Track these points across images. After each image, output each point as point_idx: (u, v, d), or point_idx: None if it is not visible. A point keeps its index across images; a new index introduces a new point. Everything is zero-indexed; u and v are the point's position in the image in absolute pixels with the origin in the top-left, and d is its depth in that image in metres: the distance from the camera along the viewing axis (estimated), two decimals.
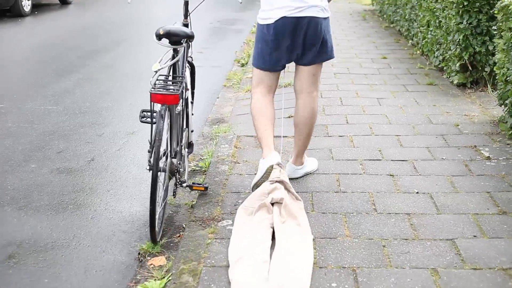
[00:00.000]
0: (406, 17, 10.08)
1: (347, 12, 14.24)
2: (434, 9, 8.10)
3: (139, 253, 3.67)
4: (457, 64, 7.15)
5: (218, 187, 4.42)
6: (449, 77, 7.51)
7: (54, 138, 5.81)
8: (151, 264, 3.57)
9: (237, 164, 4.89)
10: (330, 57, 4.26)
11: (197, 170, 4.96)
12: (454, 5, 7.09)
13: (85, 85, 7.81)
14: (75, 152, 5.43)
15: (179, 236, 3.88)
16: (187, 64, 4.30)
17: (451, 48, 7.29)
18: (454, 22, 7.11)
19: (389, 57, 9.07)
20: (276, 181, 3.90)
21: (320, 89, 7.06)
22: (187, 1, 4.42)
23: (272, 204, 3.80)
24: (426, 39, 8.63)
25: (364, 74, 7.97)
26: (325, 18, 4.08)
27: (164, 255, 3.65)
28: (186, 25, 4.35)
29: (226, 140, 5.49)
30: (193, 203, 4.28)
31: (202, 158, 5.19)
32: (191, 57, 4.49)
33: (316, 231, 3.69)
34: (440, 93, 6.98)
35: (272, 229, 3.62)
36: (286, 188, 3.92)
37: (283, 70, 4.31)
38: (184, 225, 3.98)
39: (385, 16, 12.54)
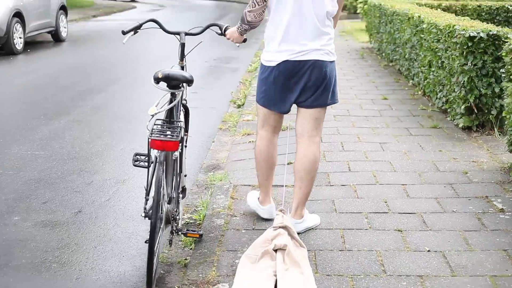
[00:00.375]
0: (406, 57, 9.85)
1: (344, 50, 14.02)
2: (436, 49, 7.86)
3: None
4: (462, 107, 6.89)
5: (213, 244, 4.10)
6: (454, 119, 7.25)
7: (40, 186, 5.49)
8: None
9: (234, 217, 4.58)
10: (334, 101, 4.20)
11: (191, 223, 4.64)
12: (458, 45, 6.86)
13: (75, 128, 7.52)
14: (61, 203, 5.11)
15: None
16: (181, 107, 4.18)
17: (455, 90, 7.03)
18: (458, 63, 6.87)
19: (389, 97, 8.82)
20: (280, 227, 3.77)
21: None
22: (184, 43, 4.32)
23: (275, 250, 3.63)
24: (428, 80, 8.38)
25: (365, 116, 7.70)
26: (331, 62, 4.02)
27: None
28: (182, 68, 4.28)
29: (221, 190, 5.18)
30: (186, 261, 3.97)
31: (196, 209, 4.88)
32: (185, 100, 4.32)
33: None
34: (445, 137, 6.70)
35: (275, 277, 3.46)
36: (289, 234, 3.75)
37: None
38: None
39: (383, 54, 12.33)
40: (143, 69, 12.25)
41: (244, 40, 4.31)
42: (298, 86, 4.03)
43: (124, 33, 4.32)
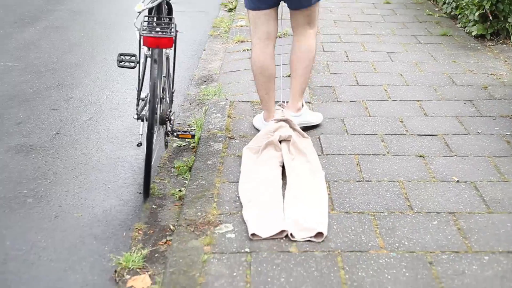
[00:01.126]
0: None
1: None
2: None
3: (115, 271, 2.86)
4: (476, 14, 6.30)
5: (212, 174, 3.58)
6: (465, 27, 6.67)
7: (14, 104, 4.90)
8: (132, 286, 2.76)
9: (233, 140, 4.05)
10: (315, 1, 3.94)
11: (183, 146, 4.12)
12: None
13: (53, 35, 6.86)
14: (37, 123, 4.54)
15: (166, 243, 3.06)
16: (165, 6, 3.86)
17: None
18: None
19: (392, 1, 8.16)
20: (281, 120, 3.86)
21: (322, 40, 6.25)
22: None
23: (280, 142, 3.72)
24: None
25: (367, 22, 7.09)
26: None
27: (147, 271, 2.85)
28: None
29: (217, 108, 4.62)
30: (181, 194, 3.47)
31: (190, 129, 4.34)
32: None
33: (340, 240, 2.89)
34: (457, 46, 6.14)
35: (281, 168, 3.54)
36: (291, 126, 3.85)
37: (280, 13, 4.02)
38: (171, 227, 3.17)
39: None
40: None
41: None
42: None
43: None
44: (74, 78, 5.53)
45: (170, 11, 3.94)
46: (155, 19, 3.56)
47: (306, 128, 4.11)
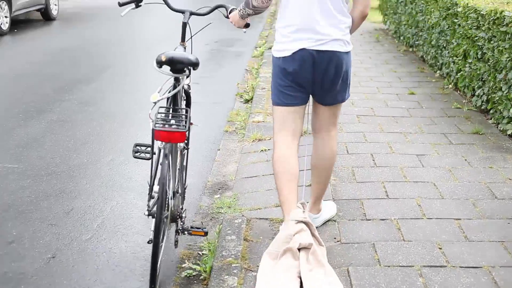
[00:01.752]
0: (433, 43, 8.77)
1: (357, 32, 12.90)
2: (475, 38, 6.82)
3: None
4: (511, 110, 5.86)
5: None
6: (498, 123, 6.22)
7: (9, 216, 4.45)
8: None
9: (250, 273, 3.55)
10: (348, 96, 3.89)
11: (193, 277, 3.63)
12: (509, 36, 5.81)
13: (58, 130, 6.47)
14: (31, 243, 4.07)
15: None
16: (183, 94, 3.88)
17: (502, 89, 6.01)
18: (508, 58, 5.83)
19: (417, 92, 7.77)
20: (301, 221, 3.59)
21: (345, 139, 5.82)
22: (185, 23, 4.05)
23: (299, 249, 3.48)
24: (462, 73, 7.33)
25: (393, 117, 6.66)
26: (347, 53, 3.65)
27: None
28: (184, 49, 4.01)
29: (232, 227, 4.13)
30: None
31: (200, 254, 3.87)
32: (188, 85, 3.93)
33: None
34: (492, 147, 5.68)
35: (299, 279, 3.34)
36: (311, 232, 3.62)
37: (306, 112, 3.88)
38: None
39: (402, 38, 11.24)
40: (140, 52, 11.19)
41: (247, 25, 4.01)
42: (314, 80, 3.66)
43: (120, 4, 4.08)
44: (76, 184, 5.08)
45: (188, 100, 3.90)
46: (170, 111, 3.46)
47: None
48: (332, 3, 3.55)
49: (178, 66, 3.54)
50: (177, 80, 3.60)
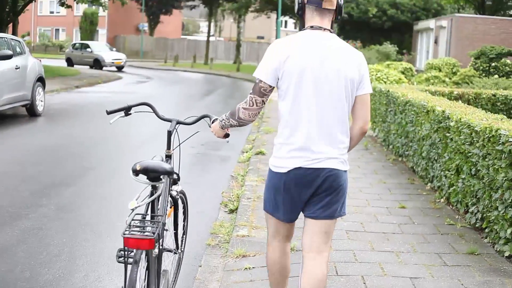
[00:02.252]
0: (423, 155, 8.59)
1: None
2: (468, 153, 6.62)
3: None
4: (508, 231, 5.60)
5: None
6: (494, 243, 5.94)
7: None
8: None
9: None
10: (344, 213, 3.85)
11: None
12: (505, 155, 5.61)
13: (31, 240, 6.11)
14: None
15: None
16: (169, 199, 4.04)
17: (498, 208, 5.76)
18: (504, 177, 5.62)
19: (407, 205, 7.51)
20: None
21: (334, 258, 5.50)
22: (170, 131, 4.27)
23: None
24: (455, 188, 7.11)
25: (383, 234, 6.37)
26: (345, 171, 3.71)
27: None
28: (169, 156, 4.28)
29: None
30: None
31: None
32: (180, 191, 4.42)
33: None
34: (489, 270, 5.38)
35: None
36: None
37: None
38: None
39: (391, 147, 11.08)
40: (124, 153, 10.97)
41: (227, 135, 4.10)
42: (309, 195, 3.66)
43: (108, 112, 4.46)
44: None
45: (176, 206, 4.20)
46: (147, 218, 3.54)
47: None
48: (334, 122, 3.60)
49: (153, 175, 3.73)
50: (154, 188, 3.78)
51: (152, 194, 3.77)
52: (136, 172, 3.69)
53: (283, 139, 3.67)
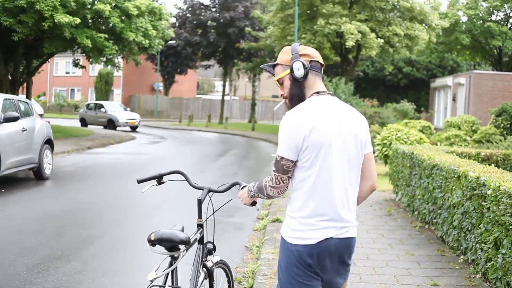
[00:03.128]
0: (454, 224, 7.87)
1: (366, 202, 12.07)
2: (510, 226, 5.92)
3: None
4: None
5: None
6: None
7: None
8: None
9: None
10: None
11: None
12: None
13: None
14: None
15: None
16: (203, 269, 4.08)
17: None
18: None
19: (440, 282, 6.78)
20: None
21: None
22: (201, 200, 4.22)
23: None
24: (493, 263, 6.37)
25: None
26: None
27: None
28: (200, 226, 4.27)
29: None
30: None
31: None
32: (223, 263, 4.52)
33: None
34: None
35: None
36: None
37: None
38: None
39: (416, 213, 10.36)
40: (132, 221, 10.29)
41: (254, 203, 3.94)
42: (334, 265, 3.54)
43: (139, 181, 4.35)
44: None
45: (210, 277, 4.20)
46: None
47: None
48: (354, 187, 3.59)
49: (169, 244, 3.71)
50: (173, 258, 3.77)
51: (171, 264, 3.80)
52: (151, 242, 3.72)
53: (309, 211, 3.49)
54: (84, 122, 43.79)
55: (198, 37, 52.06)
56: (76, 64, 33.27)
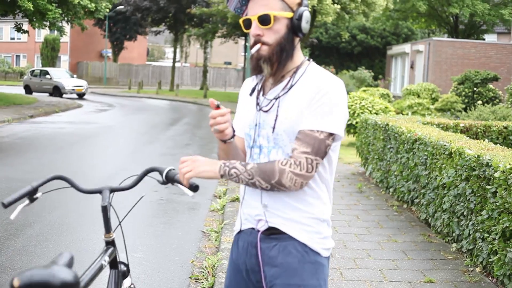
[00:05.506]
0: (445, 207, 6.82)
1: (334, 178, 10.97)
2: None
3: None
4: None
5: None
6: None
7: None
8: None
9: None
10: None
11: None
12: None
13: None
14: None
15: None
16: None
17: None
18: None
19: (435, 278, 5.73)
20: None
21: None
22: (105, 206, 2.93)
23: None
24: (500, 257, 5.34)
25: None
26: None
27: None
28: (110, 243, 2.96)
29: None
30: None
31: None
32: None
33: None
34: None
35: None
36: None
37: None
38: None
39: (392, 190, 9.31)
40: (75, 201, 8.97)
41: (195, 188, 2.72)
42: None
43: (5, 205, 2.81)
44: None
45: None
46: None
47: None
48: None
49: None
50: None
51: None
52: None
53: (330, 210, 2.69)
54: (28, 89, 41.84)
55: (147, 2, 50.19)
56: (18, 29, 31.38)
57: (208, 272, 5.92)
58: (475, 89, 23.46)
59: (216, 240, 7.10)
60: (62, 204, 8.66)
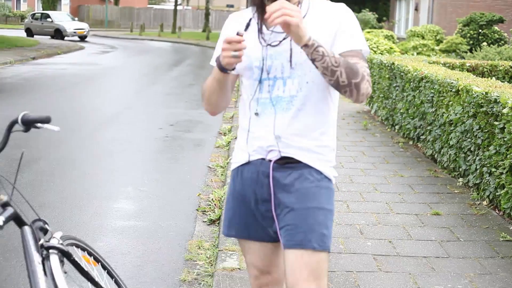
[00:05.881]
0: (451, 143, 6.81)
1: (339, 116, 10.94)
2: None
3: None
4: None
5: None
6: None
7: None
8: None
9: None
10: None
11: None
12: None
13: None
14: None
15: None
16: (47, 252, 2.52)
17: None
18: None
19: (442, 211, 5.76)
20: None
21: None
22: None
23: None
24: (507, 191, 5.35)
25: (425, 259, 4.60)
26: None
27: None
28: (4, 204, 2.60)
29: None
30: None
31: None
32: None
33: None
34: None
35: None
36: None
37: None
38: None
39: (397, 127, 9.29)
40: (79, 137, 8.97)
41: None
42: None
43: None
44: None
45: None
46: None
47: None
48: None
49: None
50: None
51: None
52: None
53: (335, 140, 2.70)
54: (30, 33, 41.47)
55: None
56: None
57: (215, 204, 5.94)
58: (480, 30, 23.20)
59: (222, 174, 7.11)
60: (68, 141, 8.67)
